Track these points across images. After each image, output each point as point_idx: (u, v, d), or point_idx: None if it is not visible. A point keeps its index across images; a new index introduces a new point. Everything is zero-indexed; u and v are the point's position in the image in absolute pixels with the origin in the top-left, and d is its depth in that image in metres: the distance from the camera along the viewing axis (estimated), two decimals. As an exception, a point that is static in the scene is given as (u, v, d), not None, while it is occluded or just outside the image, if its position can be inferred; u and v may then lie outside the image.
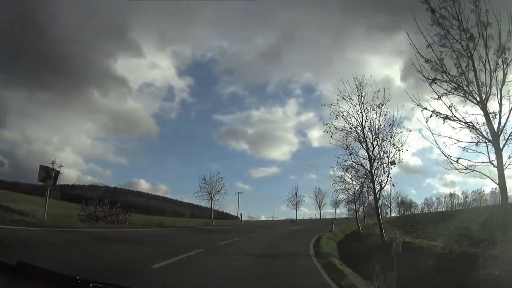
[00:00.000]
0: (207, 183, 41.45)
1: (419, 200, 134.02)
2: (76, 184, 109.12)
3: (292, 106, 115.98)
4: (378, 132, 16.27)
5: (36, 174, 17.68)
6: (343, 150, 17.33)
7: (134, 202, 79.39)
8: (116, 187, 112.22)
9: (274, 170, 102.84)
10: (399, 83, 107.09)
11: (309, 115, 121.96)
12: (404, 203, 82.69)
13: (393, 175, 16.06)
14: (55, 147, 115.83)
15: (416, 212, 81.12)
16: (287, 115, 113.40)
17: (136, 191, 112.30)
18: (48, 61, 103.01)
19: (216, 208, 42.42)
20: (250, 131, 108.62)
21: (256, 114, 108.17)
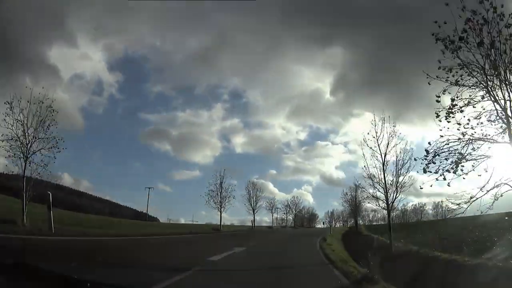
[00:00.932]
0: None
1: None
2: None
3: (218, 110, 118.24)
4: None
5: None
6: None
7: (54, 196, 69.73)
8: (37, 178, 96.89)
9: (196, 173, 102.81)
10: (328, 97, 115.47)
11: (234, 121, 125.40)
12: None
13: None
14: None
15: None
16: (213, 119, 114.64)
17: (57, 184, 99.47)
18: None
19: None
20: (175, 132, 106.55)
21: (182, 115, 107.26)
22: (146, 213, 56.01)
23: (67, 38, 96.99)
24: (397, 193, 15.78)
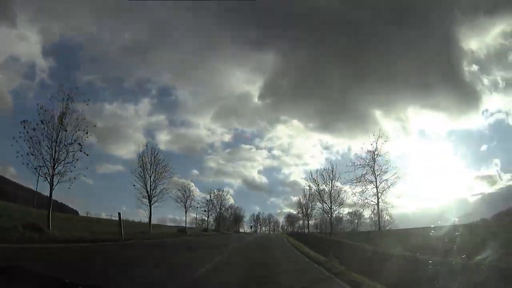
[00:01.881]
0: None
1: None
2: None
3: (145, 105, 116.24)
4: None
5: None
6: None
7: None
8: None
9: (119, 168, 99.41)
10: (256, 101, 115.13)
11: (160, 118, 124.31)
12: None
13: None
14: None
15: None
16: (139, 114, 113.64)
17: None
18: None
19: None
20: (100, 124, 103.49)
21: (109, 108, 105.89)
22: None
23: (8, 18, 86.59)
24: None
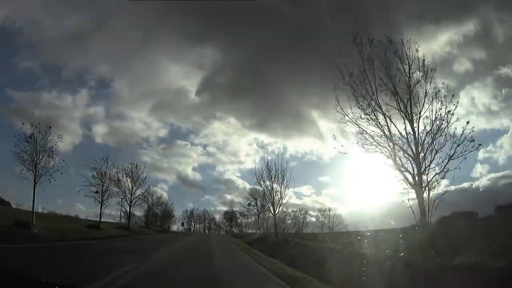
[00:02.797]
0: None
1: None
2: None
3: (83, 96, 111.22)
4: None
5: None
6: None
7: None
8: None
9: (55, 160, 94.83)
10: (193, 97, 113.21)
11: (97, 109, 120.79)
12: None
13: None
14: None
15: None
16: (76, 105, 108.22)
17: None
18: None
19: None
20: (38, 113, 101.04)
21: (47, 97, 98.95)
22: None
23: None
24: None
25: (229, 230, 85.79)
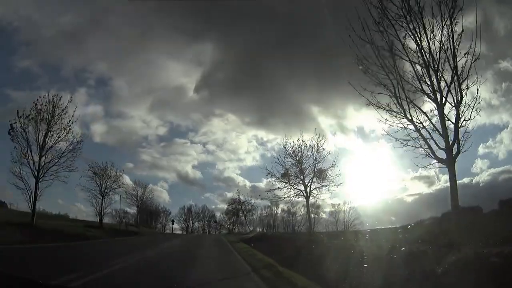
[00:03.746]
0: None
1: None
2: None
3: (82, 95, 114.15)
4: None
5: None
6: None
7: None
8: None
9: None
10: (192, 94, 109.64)
11: (96, 108, 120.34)
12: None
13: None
14: None
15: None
16: (75, 103, 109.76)
17: None
18: None
19: None
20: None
21: (45, 96, 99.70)
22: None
23: None
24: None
25: (231, 229, 73.55)
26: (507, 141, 67.47)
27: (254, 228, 65.68)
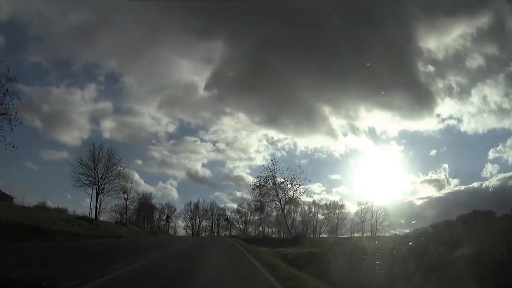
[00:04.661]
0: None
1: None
2: None
3: (92, 91, 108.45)
4: None
5: None
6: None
7: None
8: None
9: (64, 155, 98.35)
10: (202, 92, 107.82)
11: (106, 104, 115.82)
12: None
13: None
14: None
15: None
16: (85, 100, 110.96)
17: None
18: None
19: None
20: (46, 108, 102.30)
21: (56, 91, 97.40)
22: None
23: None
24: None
25: (258, 233, 60.48)
26: (517, 145, 67.82)
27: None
